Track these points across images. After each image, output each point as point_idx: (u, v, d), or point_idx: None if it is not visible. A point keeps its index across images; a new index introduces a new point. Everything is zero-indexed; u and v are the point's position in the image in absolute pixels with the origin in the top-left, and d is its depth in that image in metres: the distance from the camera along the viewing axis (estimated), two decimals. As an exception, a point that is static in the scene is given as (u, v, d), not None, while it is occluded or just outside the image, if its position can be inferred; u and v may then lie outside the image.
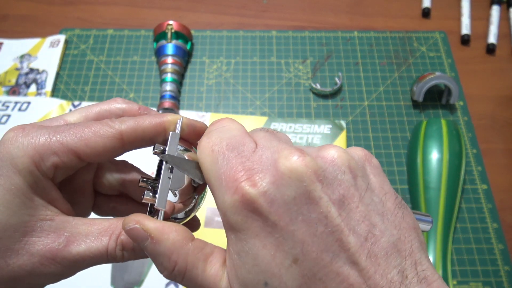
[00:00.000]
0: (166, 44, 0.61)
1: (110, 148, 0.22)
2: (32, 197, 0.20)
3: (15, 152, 0.20)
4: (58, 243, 0.20)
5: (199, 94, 0.62)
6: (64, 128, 0.21)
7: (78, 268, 0.21)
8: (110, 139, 0.21)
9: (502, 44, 0.66)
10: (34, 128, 0.21)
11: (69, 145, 0.21)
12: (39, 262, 0.20)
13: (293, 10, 0.71)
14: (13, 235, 0.19)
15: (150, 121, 0.22)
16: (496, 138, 0.58)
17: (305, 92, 0.62)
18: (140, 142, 0.23)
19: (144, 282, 0.48)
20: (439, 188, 0.50)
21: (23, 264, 0.20)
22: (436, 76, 0.57)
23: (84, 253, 0.20)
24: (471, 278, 0.49)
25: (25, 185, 0.20)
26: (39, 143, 0.20)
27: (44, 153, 0.20)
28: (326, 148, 0.19)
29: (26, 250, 0.20)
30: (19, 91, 0.62)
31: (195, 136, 0.23)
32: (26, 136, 0.20)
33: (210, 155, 0.19)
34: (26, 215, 0.20)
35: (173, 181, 0.21)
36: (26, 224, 0.20)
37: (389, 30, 0.68)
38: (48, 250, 0.20)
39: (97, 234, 0.21)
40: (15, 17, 0.70)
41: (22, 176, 0.20)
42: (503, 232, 0.51)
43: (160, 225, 0.20)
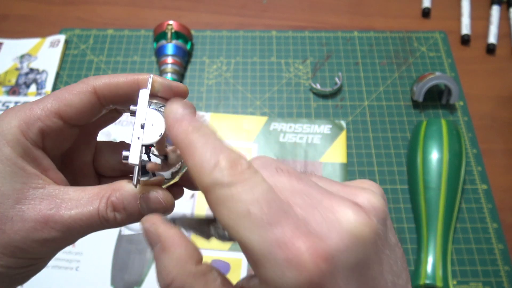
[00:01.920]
0: (166, 44, 0.61)
1: (87, 104, 0.23)
2: (23, 166, 0.21)
3: (3, 125, 0.21)
4: (49, 208, 0.21)
5: (199, 94, 0.62)
6: (46, 96, 0.22)
7: (72, 233, 0.21)
8: (85, 94, 0.22)
9: (502, 44, 0.66)
10: (20, 105, 0.22)
11: (49, 108, 0.22)
12: (32, 228, 0.20)
13: (293, 10, 0.71)
14: (6, 202, 0.20)
15: (124, 78, 0.23)
16: (496, 138, 0.58)
17: (305, 92, 0.62)
18: (115, 97, 0.23)
19: (144, 282, 0.48)
20: (439, 188, 0.50)
21: (18, 230, 0.20)
22: (436, 76, 0.57)
23: (76, 216, 0.21)
24: (471, 278, 0.49)
25: (15, 154, 0.21)
26: (23, 114, 0.21)
27: (28, 121, 0.21)
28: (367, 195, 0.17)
29: (19, 216, 0.20)
30: (19, 91, 0.62)
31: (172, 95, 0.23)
32: (12, 111, 0.22)
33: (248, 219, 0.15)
34: (18, 183, 0.21)
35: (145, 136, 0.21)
36: (19, 191, 0.20)
37: (389, 30, 0.68)
38: (40, 215, 0.20)
39: (88, 198, 0.21)
40: (15, 17, 0.70)
41: (11, 146, 0.21)
42: (503, 232, 0.51)
43: (172, 234, 0.19)
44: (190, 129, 0.18)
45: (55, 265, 0.48)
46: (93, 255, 0.49)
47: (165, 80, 0.23)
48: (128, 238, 0.50)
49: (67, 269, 0.48)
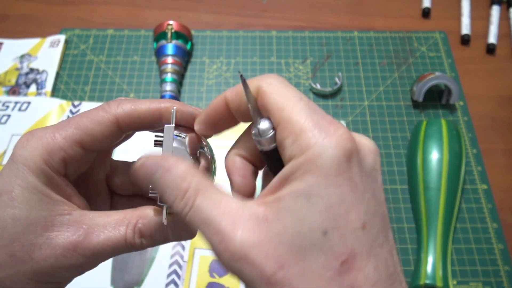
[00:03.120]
0: (166, 44, 0.61)
1: (108, 133, 0.23)
2: (49, 193, 0.21)
3: (26, 154, 0.21)
4: (78, 235, 0.21)
5: (199, 94, 0.62)
6: (65, 122, 0.22)
7: (99, 258, 0.22)
8: (107, 124, 0.22)
9: (502, 44, 0.66)
10: (41, 130, 0.22)
11: (70, 137, 0.22)
12: (61, 255, 0.21)
13: (293, 10, 0.71)
14: (34, 230, 0.20)
15: (146, 106, 0.23)
16: (496, 138, 0.58)
17: (305, 92, 0.62)
18: (137, 126, 0.23)
19: (144, 282, 0.48)
20: (439, 188, 0.50)
21: (47, 257, 0.20)
22: (436, 76, 0.57)
23: (103, 243, 0.21)
24: (471, 278, 0.49)
25: (40, 183, 0.21)
26: (46, 142, 0.21)
27: (51, 150, 0.21)
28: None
29: (48, 244, 0.21)
30: (19, 91, 0.62)
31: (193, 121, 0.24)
32: (33, 138, 0.22)
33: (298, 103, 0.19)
34: (45, 210, 0.21)
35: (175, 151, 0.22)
36: (46, 219, 0.21)
37: (389, 30, 0.68)
38: (69, 242, 0.21)
39: (114, 224, 0.22)
40: (15, 17, 0.70)
41: (36, 175, 0.21)
42: (503, 232, 0.51)
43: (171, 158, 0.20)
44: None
45: (55, 265, 0.48)
46: (93, 255, 0.49)
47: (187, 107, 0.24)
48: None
49: (67, 269, 0.48)
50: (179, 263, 0.48)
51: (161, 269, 0.48)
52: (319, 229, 0.17)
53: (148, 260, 0.49)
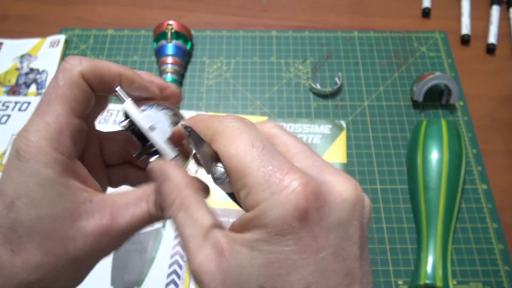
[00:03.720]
0: (166, 44, 0.61)
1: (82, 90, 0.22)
2: (67, 184, 0.21)
3: (33, 149, 0.20)
4: (106, 219, 0.21)
5: (199, 94, 0.62)
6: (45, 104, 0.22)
7: (127, 237, 0.23)
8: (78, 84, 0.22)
9: (502, 44, 0.66)
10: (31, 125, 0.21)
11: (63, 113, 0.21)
12: (95, 241, 0.21)
13: (293, 10, 0.71)
14: (63, 224, 0.20)
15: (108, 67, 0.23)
16: (496, 138, 0.58)
17: (305, 92, 0.62)
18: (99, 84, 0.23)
19: (144, 282, 0.48)
20: (439, 188, 0.50)
21: (82, 247, 0.21)
22: (436, 76, 0.57)
23: (130, 222, 0.22)
24: (471, 278, 0.49)
25: (56, 174, 0.20)
26: (45, 130, 0.21)
27: (56, 135, 0.21)
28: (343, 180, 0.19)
29: (80, 234, 0.21)
30: (19, 91, 0.62)
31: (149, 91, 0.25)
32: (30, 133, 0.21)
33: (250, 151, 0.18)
34: (68, 202, 0.21)
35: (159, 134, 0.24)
36: (72, 210, 0.21)
37: (389, 30, 0.68)
38: (99, 228, 0.21)
39: (135, 203, 0.22)
40: (15, 17, 0.70)
41: (50, 167, 0.20)
42: (503, 232, 0.51)
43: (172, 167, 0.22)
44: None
45: (55, 265, 0.48)
46: (93, 255, 0.49)
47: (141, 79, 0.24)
48: (128, 238, 0.50)
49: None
50: (179, 263, 0.48)
51: (161, 269, 0.48)
52: (255, 283, 0.17)
53: (148, 260, 0.49)
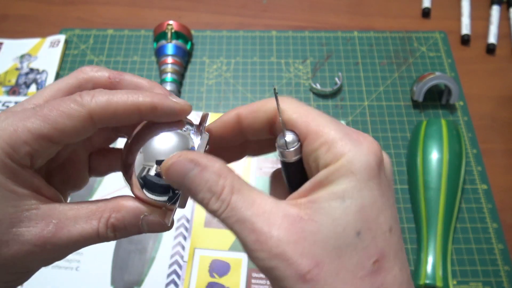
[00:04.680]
0: (166, 44, 0.61)
1: (80, 128, 0.21)
2: (13, 188, 0.20)
3: None
4: (47, 231, 0.20)
5: (199, 94, 0.62)
6: (31, 113, 0.20)
7: (69, 251, 0.21)
8: (79, 119, 0.20)
9: (502, 44, 0.66)
10: (3, 119, 0.20)
11: (37, 131, 0.20)
12: (30, 251, 0.20)
13: (293, 10, 0.71)
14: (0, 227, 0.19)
15: (123, 101, 0.21)
16: (496, 138, 0.58)
17: (305, 92, 0.62)
18: (112, 121, 0.21)
19: (144, 282, 0.48)
20: (439, 188, 0.50)
21: (15, 253, 0.20)
22: (436, 76, 0.57)
23: (74, 238, 0.20)
24: (471, 278, 0.48)
25: (3, 178, 0.19)
26: (7, 135, 0.19)
27: (14, 144, 0.19)
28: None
29: (16, 240, 0.20)
30: (19, 91, 0.62)
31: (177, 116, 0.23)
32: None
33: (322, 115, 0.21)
34: (10, 207, 0.20)
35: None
36: (12, 215, 0.20)
37: (389, 30, 0.68)
38: (38, 238, 0.20)
39: (86, 218, 0.21)
40: (15, 17, 0.70)
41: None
42: (503, 232, 0.51)
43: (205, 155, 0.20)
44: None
45: (55, 265, 0.48)
46: (93, 255, 0.49)
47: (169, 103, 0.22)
48: (128, 238, 0.50)
49: (67, 269, 0.48)
50: (179, 263, 0.48)
51: (161, 269, 0.48)
52: (353, 230, 0.18)
53: (148, 260, 0.49)
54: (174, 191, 0.22)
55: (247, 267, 0.48)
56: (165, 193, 0.22)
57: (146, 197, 0.22)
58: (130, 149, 0.22)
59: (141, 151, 0.21)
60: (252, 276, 0.48)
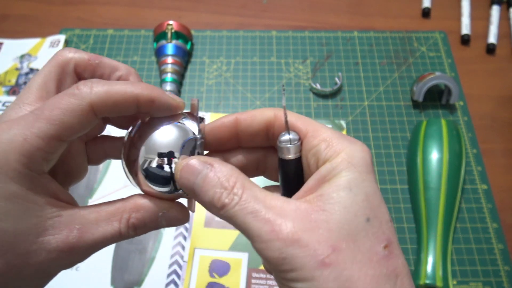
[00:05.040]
0: (166, 44, 0.61)
1: (85, 122, 0.21)
2: (34, 199, 0.20)
3: (1, 161, 0.19)
4: (72, 236, 0.21)
5: (199, 94, 0.62)
6: (33, 118, 0.20)
7: (92, 253, 0.22)
8: (82, 113, 0.21)
9: (502, 44, 0.66)
10: (5, 131, 0.20)
11: (46, 135, 0.20)
12: (57, 257, 0.21)
13: (293, 10, 0.71)
14: (26, 239, 0.20)
15: (122, 91, 0.21)
16: (496, 138, 0.58)
17: (305, 92, 0.62)
18: (112, 112, 0.22)
19: (144, 282, 0.48)
20: (439, 188, 0.50)
21: (43, 262, 0.20)
22: (436, 76, 0.57)
23: (98, 240, 0.21)
24: (471, 278, 0.49)
25: (23, 190, 0.20)
26: (18, 145, 0.19)
27: (28, 153, 0.20)
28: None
29: (43, 249, 0.20)
30: (19, 91, 0.62)
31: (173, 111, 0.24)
32: (3, 140, 0.20)
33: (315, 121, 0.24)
34: (34, 217, 0.20)
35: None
36: (37, 226, 0.20)
37: (389, 30, 0.68)
38: (64, 245, 0.21)
39: (107, 220, 0.22)
40: (15, 17, 0.70)
41: (17, 182, 0.19)
42: (503, 232, 0.51)
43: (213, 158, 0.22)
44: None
45: (55, 265, 0.48)
46: (93, 255, 0.49)
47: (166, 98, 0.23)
48: (128, 238, 0.50)
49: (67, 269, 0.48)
50: (179, 263, 0.48)
51: (161, 269, 0.48)
52: (363, 216, 0.19)
53: (148, 260, 0.49)
54: None
55: (247, 267, 0.48)
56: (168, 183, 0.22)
57: (155, 191, 0.22)
58: (133, 145, 0.23)
59: (144, 146, 0.22)
60: (252, 276, 0.48)
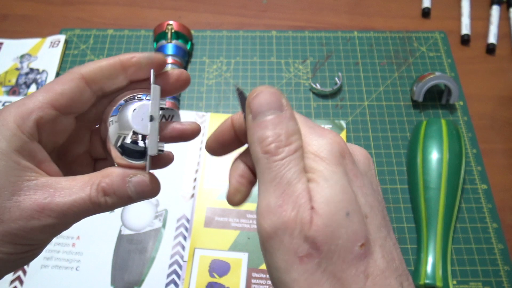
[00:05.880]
0: (166, 44, 0.61)
1: (77, 90, 0.24)
2: (17, 160, 0.22)
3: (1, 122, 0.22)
4: (44, 197, 0.22)
5: (199, 94, 0.62)
6: (37, 91, 0.24)
7: (68, 219, 0.23)
8: (74, 81, 0.24)
9: (502, 44, 0.66)
10: (13, 102, 0.23)
11: (41, 100, 0.23)
12: (30, 216, 0.22)
13: (293, 10, 0.71)
14: (3, 194, 0.21)
15: (107, 60, 0.25)
16: (496, 138, 0.58)
17: (305, 92, 0.62)
18: (103, 80, 0.25)
19: (144, 282, 0.48)
20: (439, 188, 0.50)
21: (16, 219, 0.22)
22: (436, 76, 0.57)
23: (69, 203, 0.22)
24: (471, 278, 0.49)
25: (10, 149, 0.22)
26: (18, 109, 0.22)
27: (23, 115, 0.22)
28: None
29: (16, 206, 0.22)
30: (19, 91, 0.62)
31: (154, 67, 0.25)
32: (5, 108, 0.23)
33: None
34: (13, 176, 0.22)
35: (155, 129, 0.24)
36: (14, 184, 0.22)
37: (389, 30, 0.68)
38: (36, 204, 0.22)
39: (80, 186, 0.23)
40: (15, 17, 0.70)
41: (7, 141, 0.22)
42: (503, 232, 0.51)
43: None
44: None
45: (55, 265, 0.48)
46: (93, 255, 0.49)
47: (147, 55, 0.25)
48: (128, 238, 0.50)
49: (67, 269, 0.48)
50: (179, 263, 0.48)
51: (161, 269, 0.48)
52: (343, 209, 0.19)
53: (148, 260, 0.49)
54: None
55: (247, 267, 0.48)
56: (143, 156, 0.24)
57: (127, 162, 0.24)
58: (105, 123, 0.25)
59: (112, 121, 0.24)
60: (252, 276, 0.48)
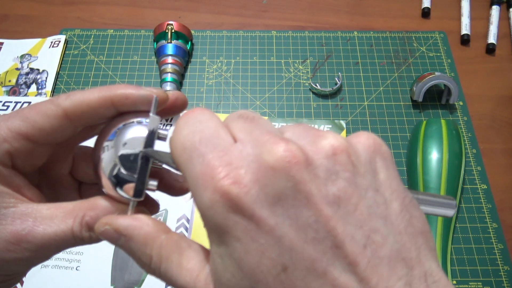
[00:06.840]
0: (166, 44, 0.61)
1: (57, 127, 0.21)
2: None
3: None
4: (22, 228, 0.20)
5: (199, 94, 0.62)
6: (13, 113, 0.21)
7: (46, 252, 0.21)
8: (55, 117, 0.21)
9: (502, 44, 0.66)
10: None
11: (16, 129, 0.20)
12: (5, 248, 0.20)
13: (293, 10, 0.71)
14: None
15: (96, 95, 0.21)
16: (496, 138, 0.58)
17: (305, 92, 0.62)
18: (88, 118, 0.22)
19: (144, 282, 0.48)
20: (439, 188, 0.50)
21: None
22: (436, 76, 0.57)
23: (49, 236, 0.20)
24: (471, 278, 0.49)
25: None
26: None
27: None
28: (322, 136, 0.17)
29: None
30: (19, 91, 0.62)
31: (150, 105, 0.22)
32: None
33: (183, 153, 0.17)
34: None
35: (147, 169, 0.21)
36: None
37: (389, 30, 0.68)
38: (13, 235, 0.20)
39: (62, 217, 0.21)
40: (15, 17, 0.70)
41: None
42: (502, 232, 0.51)
43: (129, 222, 0.20)
44: None
45: (55, 265, 0.48)
46: (93, 255, 0.49)
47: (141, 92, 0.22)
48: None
49: (67, 269, 0.48)
50: (179, 263, 0.48)
51: (161, 269, 0.48)
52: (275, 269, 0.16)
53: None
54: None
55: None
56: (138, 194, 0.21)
57: (119, 195, 0.21)
58: (95, 146, 0.22)
59: (108, 147, 0.21)
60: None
